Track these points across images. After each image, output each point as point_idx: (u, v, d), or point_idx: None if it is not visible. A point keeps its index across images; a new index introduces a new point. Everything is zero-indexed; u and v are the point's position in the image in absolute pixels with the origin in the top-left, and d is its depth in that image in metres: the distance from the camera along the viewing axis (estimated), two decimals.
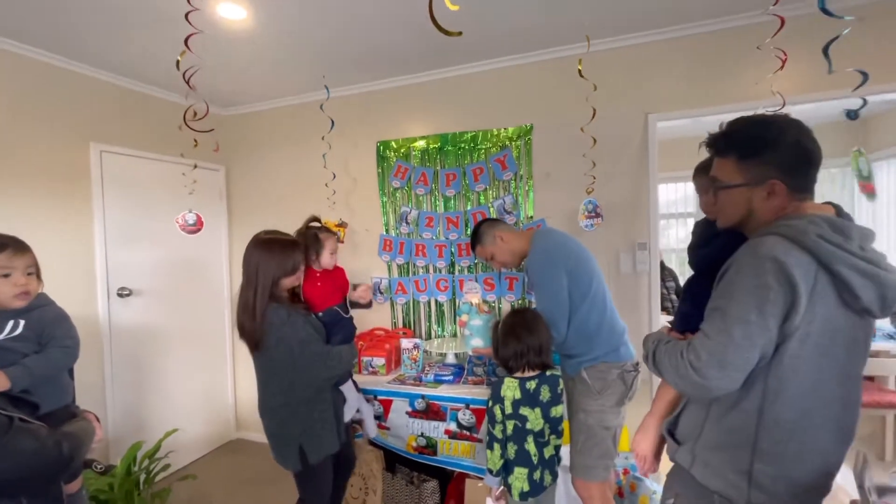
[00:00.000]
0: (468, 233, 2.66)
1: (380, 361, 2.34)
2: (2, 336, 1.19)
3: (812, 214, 0.87)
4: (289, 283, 1.67)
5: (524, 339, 1.58)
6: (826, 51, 1.19)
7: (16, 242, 1.27)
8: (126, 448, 2.24)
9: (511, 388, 1.58)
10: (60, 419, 1.20)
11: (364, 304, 2.10)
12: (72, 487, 1.32)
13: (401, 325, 2.83)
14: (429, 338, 2.76)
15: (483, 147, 2.60)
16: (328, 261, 1.89)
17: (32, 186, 2.28)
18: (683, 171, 4.67)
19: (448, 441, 2.04)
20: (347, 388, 1.90)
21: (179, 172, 2.72)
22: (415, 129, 2.79)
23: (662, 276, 2.37)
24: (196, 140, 2.15)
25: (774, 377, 0.86)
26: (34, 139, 2.29)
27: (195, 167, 2.27)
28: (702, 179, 1.20)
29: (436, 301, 2.75)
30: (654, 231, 2.32)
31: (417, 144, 2.74)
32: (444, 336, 2.74)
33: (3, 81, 2.19)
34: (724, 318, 0.86)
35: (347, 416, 1.89)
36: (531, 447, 1.58)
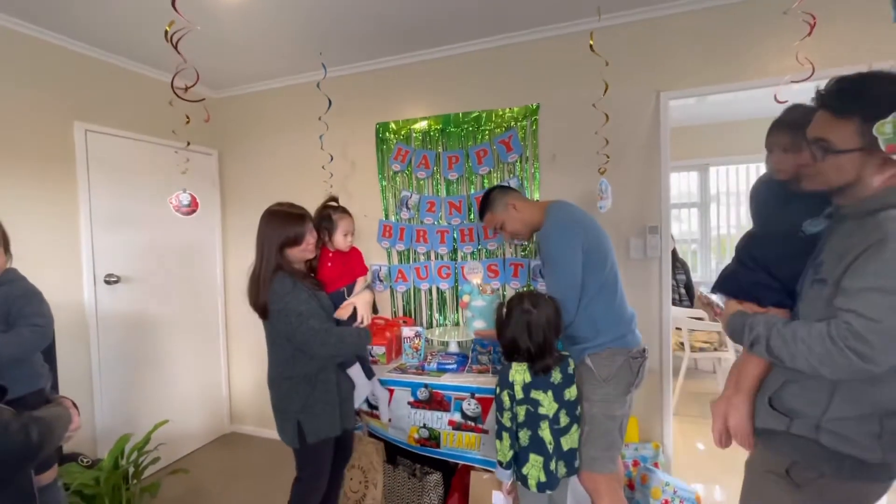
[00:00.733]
0: (471, 218, 2.56)
1: (380, 350, 2.25)
2: None
3: None
4: (297, 255, 1.64)
5: (532, 337, 1.49)
6: None
7: None
8: (114, 441, 2.13)
9: (520, 372, 1.50)
10: (31, 405, 1.09)
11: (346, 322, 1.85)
12: (44, 478, 1.23)
13: (401, 314, 2.74)
14: (430, 326, 2.67)
15: (487, 128, 2.50)
16: (341, 241, 1.85)
17: (12, 166, 2.15)
18: (689, 160, 4.59)
19: (452, 432, 1.96)
20: (356, 374, 1.83)
21: (170, 155, 2.61)
22: (415, 110, 2.68)
23: (673, 268, 2.29)
24: (188, 116, 2.05)
25: None
26: (14, 116, 2.17)
27: (188, 144, 2.15)
28: (781, 136, 1.11)
29: (437, 289, 2.65)
30: (666, 215, 2.24)
31: (418, 126, 2.64)
32: (447, 325, 2.65)
33: None
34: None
35: (357, 402, 1.84)
36: (546, 434, 1.49)
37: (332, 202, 1.90)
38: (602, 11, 2.09)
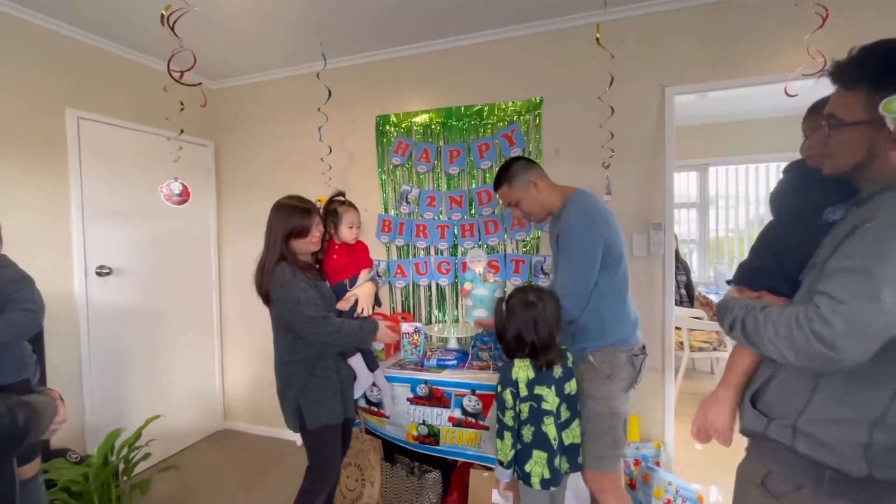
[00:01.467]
0: (472, 213, 2.53)
1: (378, 346, 2.20)
2: None
3: None
4: (302, 247, 1.68)
5: (539, 331, 1.45)
6: None
7: None
8: (104, 437, 2.07)
9: (523, 369, 1.46)
10: (18, 394, 1.01)
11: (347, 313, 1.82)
12: (26, 472, 1.18)
13: (400, 310, 2.70)
14: (429, 323, 2.63)
15: (489, 122, 2.47)
16: (347, 234, 1.87)
17: (1, 152, 2.09)
18: (689, 160, 4.58)
19: (452, 429, 1.92)
20: (357, 364, 1.84)
21: (164, 145, 2.54)
22: (416, 103, 2.64)
23: (675, 268, 2.26)
24: (182, 103, 2.00)
25: None
26: (4, 102, 2.10)
27: (181, 132, 2.09)
28: (814, 119, 1.06)
29: (437, 285, 2.61)
30: (670, 211, 2.21)
31: (419, 119, 2.60)
32: (446, 321, 2.61)
33: None
34: (868, 281, 0.73)
35: (357, 393, 1.86)
36: (550, 429, 1.46)
37: (339, 196, 1.93)
38: (608, 5, 2.06)
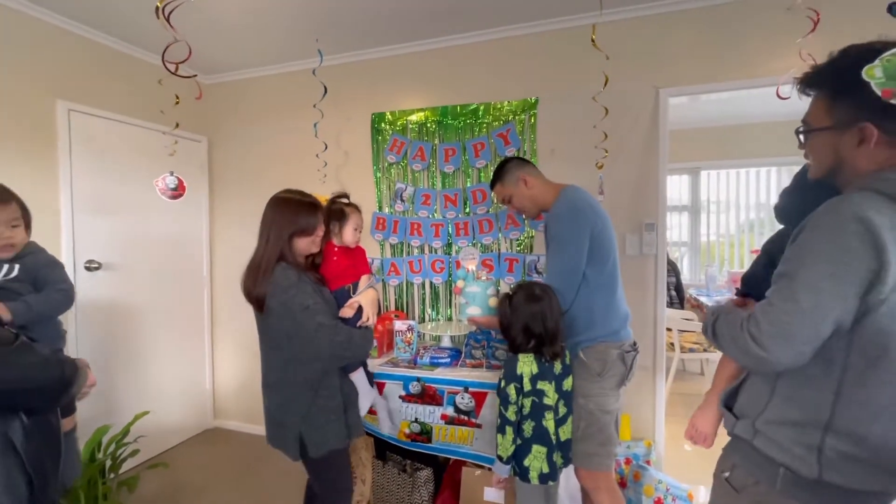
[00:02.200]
0: (467, 211, 2.53)
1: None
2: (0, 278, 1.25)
3: None
4: (304, 247, 1.50)
5: (546, 323, 1.47)
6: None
7: None
8: (91, 433, 2.04)
9: (528, 364, 1.47)
10: None
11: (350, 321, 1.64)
12: (67, 424, 1.29)
13: (393, 308, 2.69)
14: (422, 321, 2.63)
15: (485, 121, 2.48)
16: (350, 237, 1.77)
17: None
18: (681, 164, 4.63)
19: (444, 427, 1.92)
20: (359, 379, 1.70)
21: (157, 139, 2.53)
22: (412, 101, 2.64)
23: None
24: (177, 96, 1.98)
25: (858, 353, 0.76)
26: None
27: (177, 126, 2.07)
28: None
29: (431, 283, 2.61)
30: (663, 212, 2.23)
31: (415, 117, 2.60)
32: (439, 319, 2.61)
33: None
34: (792, 284, 0.76)
35: (363, 410, 1.70)
36: (550, 424, 1.47)
37: (343, 198, 1.83)
38: (604, 6, 2.08)
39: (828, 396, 0.80)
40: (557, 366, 1.52)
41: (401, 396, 1.97)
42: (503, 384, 1.49)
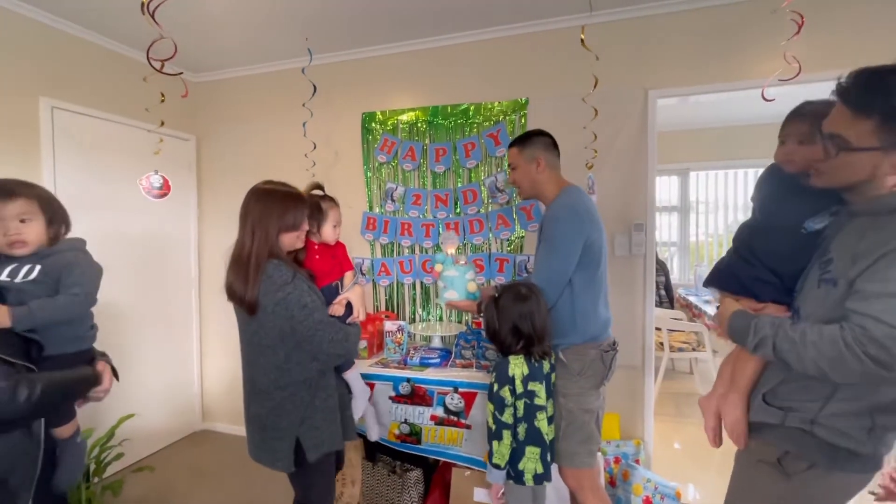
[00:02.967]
0: (457, 211, 2.53)
1: (361, 344, 2.19)
2: (18, 279, 1.20)
3: None
4: (289, 242, 1.43)
5: (535, 321, 1.47)
6: None
7: (1, 188, 1.20)
8: None
9: (518, 365, 1.47)
10: (68, 364, 1.22)
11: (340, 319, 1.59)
12: (61, 432, 1.27)
13: (383, 309, 2.68)
14: (413, 321, 2.62)
15: (475, 121, 2.47)
16: (330, 233, 1.71)
17: None
18: (670, 165, 4.67)
19: (434, 427, 1.91)
20: (354, 379, 1.67)
21: (143, 137, 2.48)
22: (403, 101, 2.63)
23: None
24: (163, 94, 1.95)
25: None
26: None
27: (162, 124, 2.04)
28: (800, 126, 1.06)
29: (421, 283, 2.60)
30: (652, 213, 2.25)
31: (405, 117, 2.59)
32: (430, 320, 2.60)
33: None
34: None
35: (358, 413, 1.67)
36: (543, 425, 1.47)
37: (318, 190, 1.74)
38: (593, 8, 2.09)
39: (885, 387, 0.89)
40: (546, 365, 1.52)
41: (391, 397, 1.96)
42: (496, 388, 1.48)
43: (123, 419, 2.16)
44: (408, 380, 1.93)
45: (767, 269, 1.08)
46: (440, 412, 1.90)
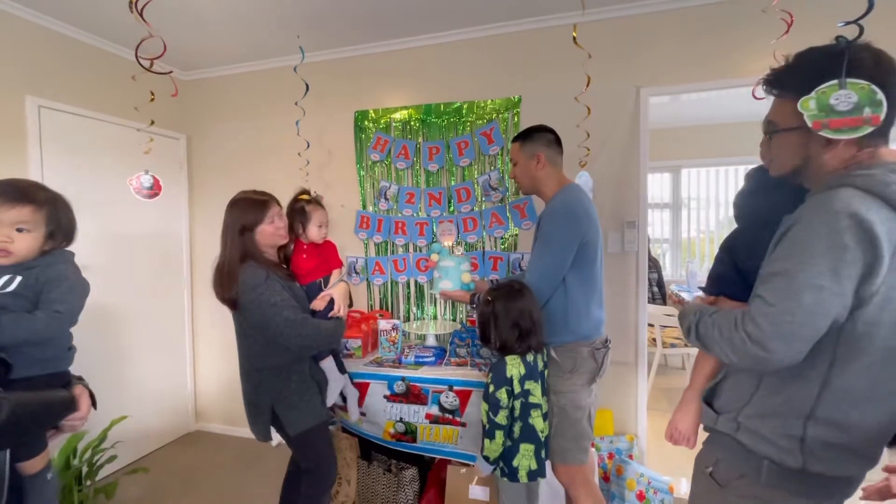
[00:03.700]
0: (451, 209, 2.53)
1: (355, 343, 2.19)
2: None
3: (892, 162, 0.77)
4: (267, 239, 1.59)
5: (534, 316, 1.49)
6: None
7: (4, 192, 1.10)
8: (65, 438, 1.99)
9: (515, 366, 1.47)
10: (41, 386, 1.10)
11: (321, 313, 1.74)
12: (29, 467, 1.11)
13: (377, 307, 2.68)
14: (407, 320, 2.62)
15: (468, 119, 2.47)
16: (315, 234, 1.81)
17: None
18: (662, 161, 4.70)
19: (429, 426, 1.91)
20: (328, 366, 1.76)
21: (132, 137, 2.45)
22: (396, 99, 2.62)
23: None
24: (152, 93, 1.93)
25: (846, 345, 0.78)
26: None
27: (152, 123, 2.02)
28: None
29: (415, 282, 2.60)
30: (644, 210, 2.26)
31: (398, 115, 2.58)
32: (424, 318, 2.60)
33: None
34: (791, 283, 0.76)
35: (330, 400, 1.76)
36: (538, 422, 1.48)
37: (304, 195, 1.87)
38: (586, 6, 2.09)
39: (814, 388, 0.81)
40: (540, 362, 1.53)
41: (385, 396, 1.96)
42: (492, 389, 1.47)
43: (116, 421, 2.14)
44: (402, 378, 1.93)
45: (733, 266, 1.09)
46: (435, 410, 1.90)
